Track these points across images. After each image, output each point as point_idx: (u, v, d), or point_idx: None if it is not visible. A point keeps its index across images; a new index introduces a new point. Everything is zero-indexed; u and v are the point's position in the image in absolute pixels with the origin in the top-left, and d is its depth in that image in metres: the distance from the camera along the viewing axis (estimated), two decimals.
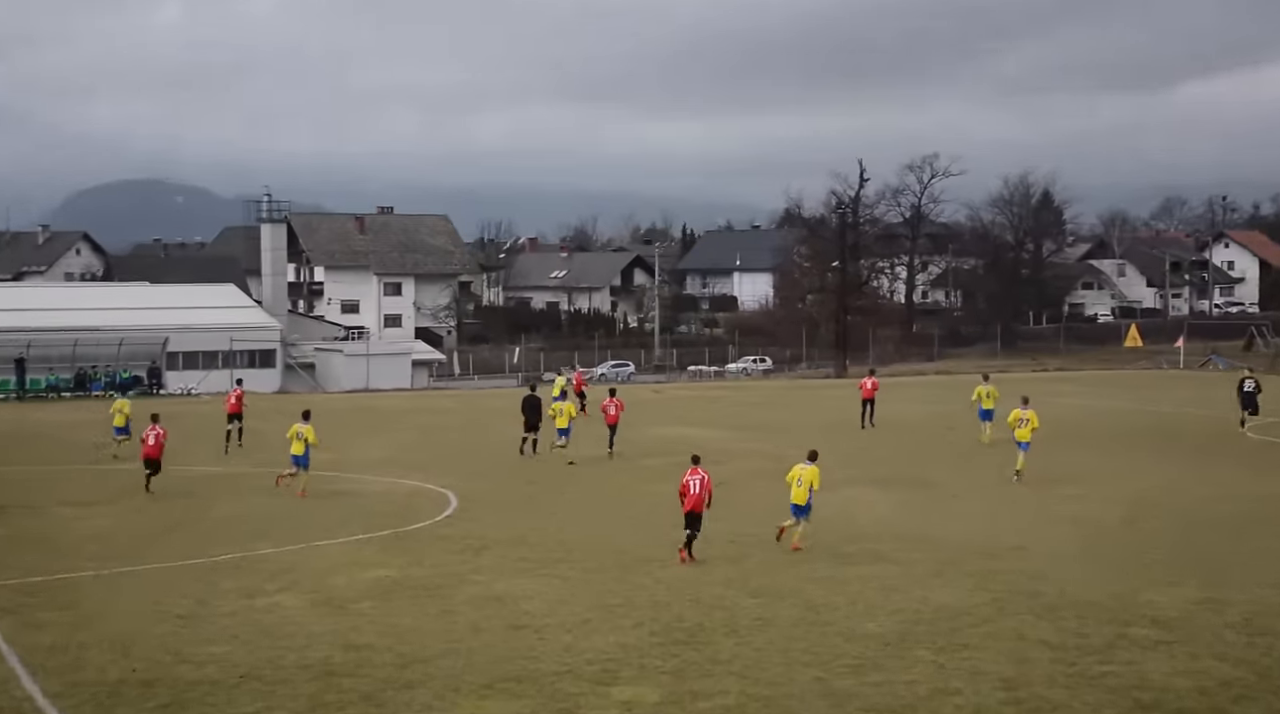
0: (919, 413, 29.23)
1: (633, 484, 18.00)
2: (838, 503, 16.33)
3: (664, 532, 14.47)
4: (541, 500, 16.65)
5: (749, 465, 19.87)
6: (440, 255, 77.36)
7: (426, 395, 37.06)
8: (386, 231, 77.16)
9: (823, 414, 29.14)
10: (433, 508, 16.13)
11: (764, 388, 39.27)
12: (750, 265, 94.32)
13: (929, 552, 13.35)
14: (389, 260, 75.74)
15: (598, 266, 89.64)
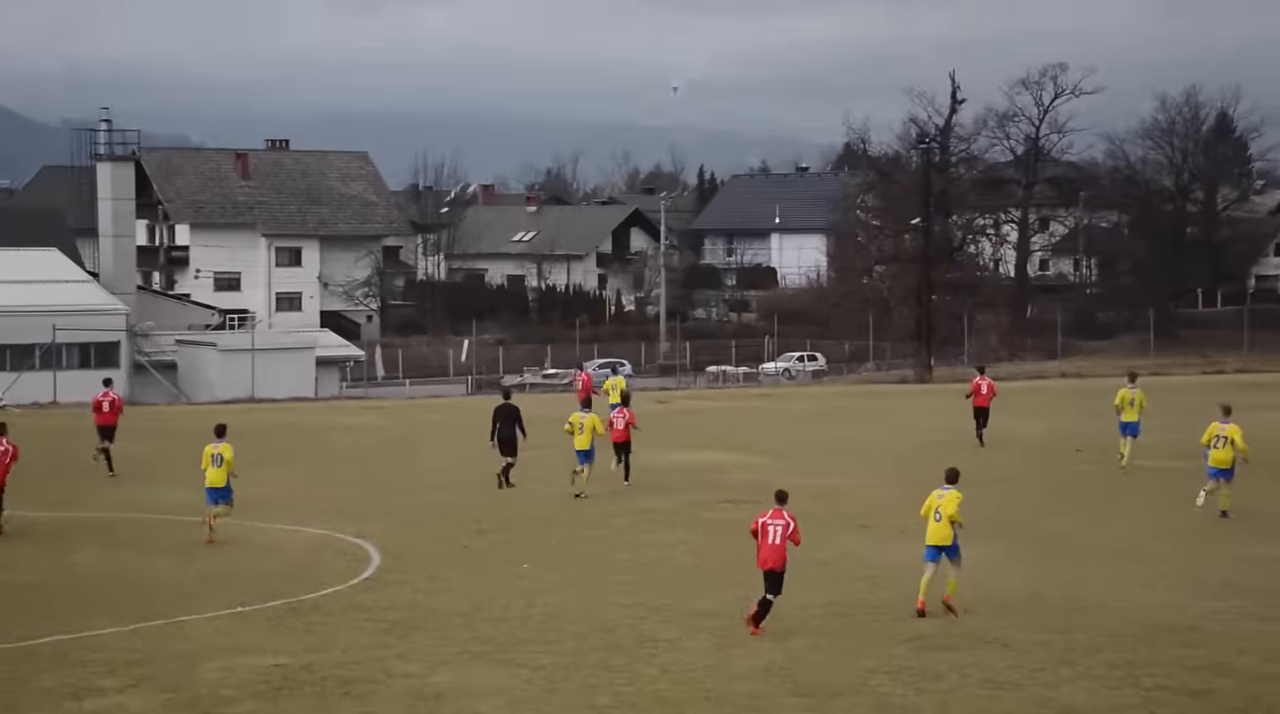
0: (1034, 431, 29.32)
1: (629, 532, 17.97)
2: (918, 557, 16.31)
3: (673, 597, 14.41)
4: (500, 554, 16.58)
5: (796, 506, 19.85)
6: (357, 209, 77.39)
7: (337, 407, 37.13)
8: (280, 175, 77.17)
9: (901, 434, 29.23)
10: (345, 566, 16.05)
11: (814, 396, 39.44)
12: (794, 223, 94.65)
13: (1052, 629, 13.24)
14: (284, 216, 75.70)
15: (580, 226, 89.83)
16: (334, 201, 76.51)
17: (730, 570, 15.75)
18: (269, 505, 20.18)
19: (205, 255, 71.01)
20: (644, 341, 71.22)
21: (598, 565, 16.08)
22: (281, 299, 73.88)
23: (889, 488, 21.45)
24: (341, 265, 72.78)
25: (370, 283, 73.90)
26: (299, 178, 76.60)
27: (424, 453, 26.33)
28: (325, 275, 74.04)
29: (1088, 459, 24.56)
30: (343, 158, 79.96)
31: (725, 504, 19.96)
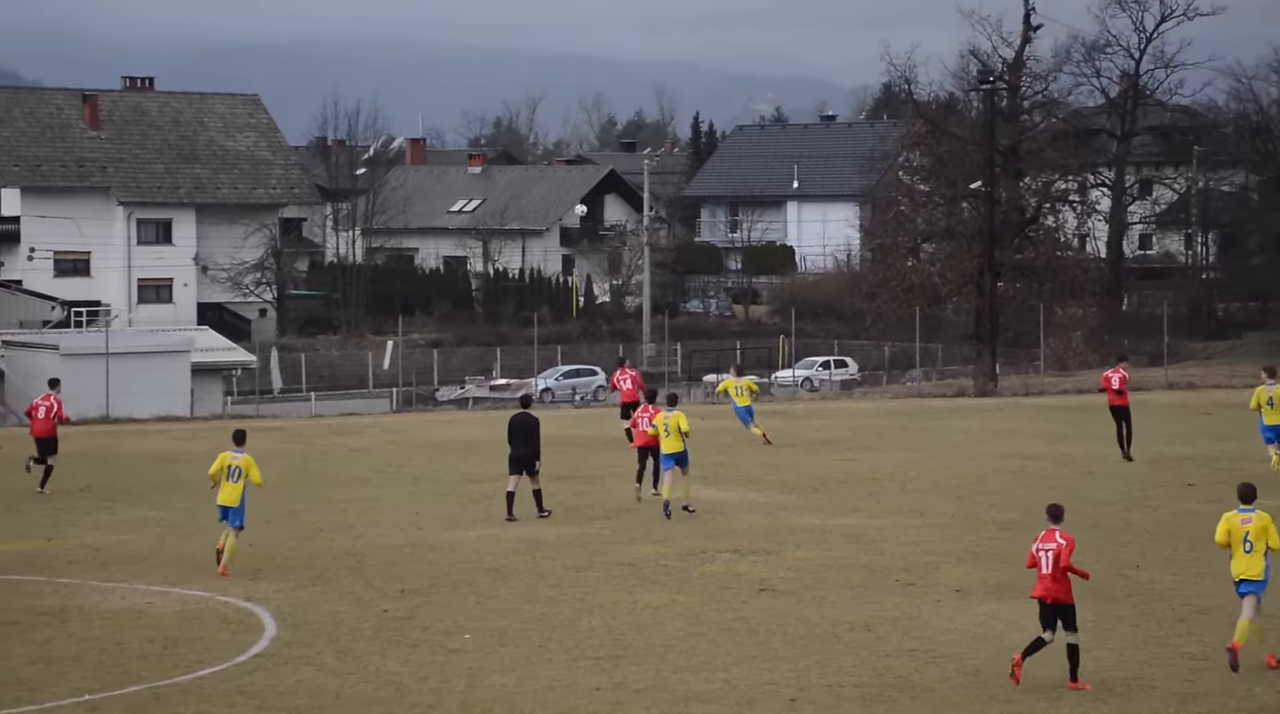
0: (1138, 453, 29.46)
1: (603, 590, 18.02)
2: (976, 623, 16.37)
3: (659, 677, 14.44)
4: (432, 622, 16.60)
5: (815, 556, 19.93)
6: (246, 170, 77.38)
7: (220, 429, 37.11)
8: (142, 125, 77.05)
9: (955, 462, 29.38)
10: (229, 639, 16.01)
11: (842, 413, 39.60)
12: (818, 189, 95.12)
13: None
14: (147, 178, 75.60)
15: (539, 192, 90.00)
16: (215, 159, 76.34)
17: (734, 641, 15.80)
18: (128, 559, 20.13)
19: (42, 229, 70.50)
20: (622, 342, 71.39)
21: (561, 635, 16.09)
22: (146, 287, 73.66)
23: (938, 533, 21.56)
24: (225, 243, 72.57)
25: (264, 266, 73.70)
26: (168, 128, 76.36)
27: (335, 489, 26.33)
28: (204, 256, 73.87)
29: (1203, 495, 24.72)
30: (226, 102, 79.84)
31: (728, 554, 20.05)
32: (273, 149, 78.13)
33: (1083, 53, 70.66)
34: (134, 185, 73.58)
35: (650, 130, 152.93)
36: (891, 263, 60.28)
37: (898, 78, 64.15)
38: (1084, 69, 70.75)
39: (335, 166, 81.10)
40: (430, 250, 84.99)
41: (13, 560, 19.69)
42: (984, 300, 50.27)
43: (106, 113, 75.15)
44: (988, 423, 36.88)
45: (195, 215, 74.14)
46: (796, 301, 68.56)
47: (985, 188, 52.42)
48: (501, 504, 23.39)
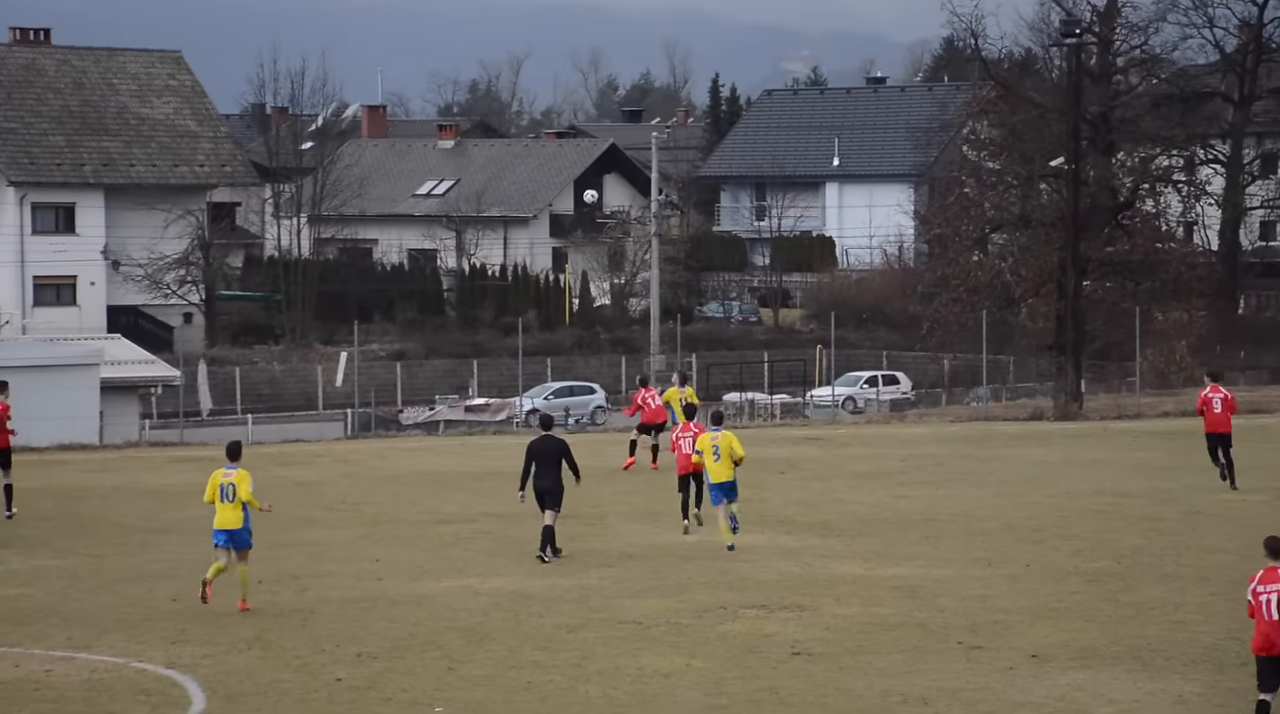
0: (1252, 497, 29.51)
1: (604, 654, 18.12)
2: (1058, 696, 16.46)
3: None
4: (394, 693, 16.71)
5: (861, 612, 20.01)
6: (166, 144, 77.64)
7: (136, 459, 37.27)
8: (37, 87, 77.40)
9: (1029, 499, 29.42)
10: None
11: (892, 440, 39.69)
12: (863, 167, 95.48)
13: None
14: (43, 153, 75.92)
15: (524, 171, 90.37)
16: (128, 130, 76.60)
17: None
18: (22, 617, 20.23)
19: None
20: (625, 354, 71.71)
21: (552, 708, 16.17)
22: (44, 287, 73.91)
23: (1010, 585, 21.64)
24: (141, 233, 72.79)
25: (189, 262, 73.92)
26: (68, 91, 76.66)
27: (278, 531, 26.46)
28: (115, 249, 74.10)
29: None
30: (141, 59, 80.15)
31: (754, 610, 20.13)
32: (199, 118, 78.31)
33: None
34: (27, 161, 73.76)
35: (659, 96, 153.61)
36: (953, 257, 60.35)
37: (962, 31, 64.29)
38: (1193, 18, 70.80)
39: (275, 140, 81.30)
40: (392, 242, 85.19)
41: None
42: (1066, 303, 50.30)
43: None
44: (1071, 452, 36.94)
45: (104, 198, 74.28)
46: (837, 304, 68.77)
47: (1069, 165, 52.45)
48: (474, 543, 23.51)
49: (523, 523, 26.62)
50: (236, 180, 78.16)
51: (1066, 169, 52.83)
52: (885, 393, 62.63)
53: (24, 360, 44.37)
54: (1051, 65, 63.45)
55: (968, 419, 46.74)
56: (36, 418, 39.71)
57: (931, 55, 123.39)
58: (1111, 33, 62.76)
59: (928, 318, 59.51)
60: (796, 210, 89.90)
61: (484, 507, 28.39)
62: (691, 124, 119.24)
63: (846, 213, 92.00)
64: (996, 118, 61.92)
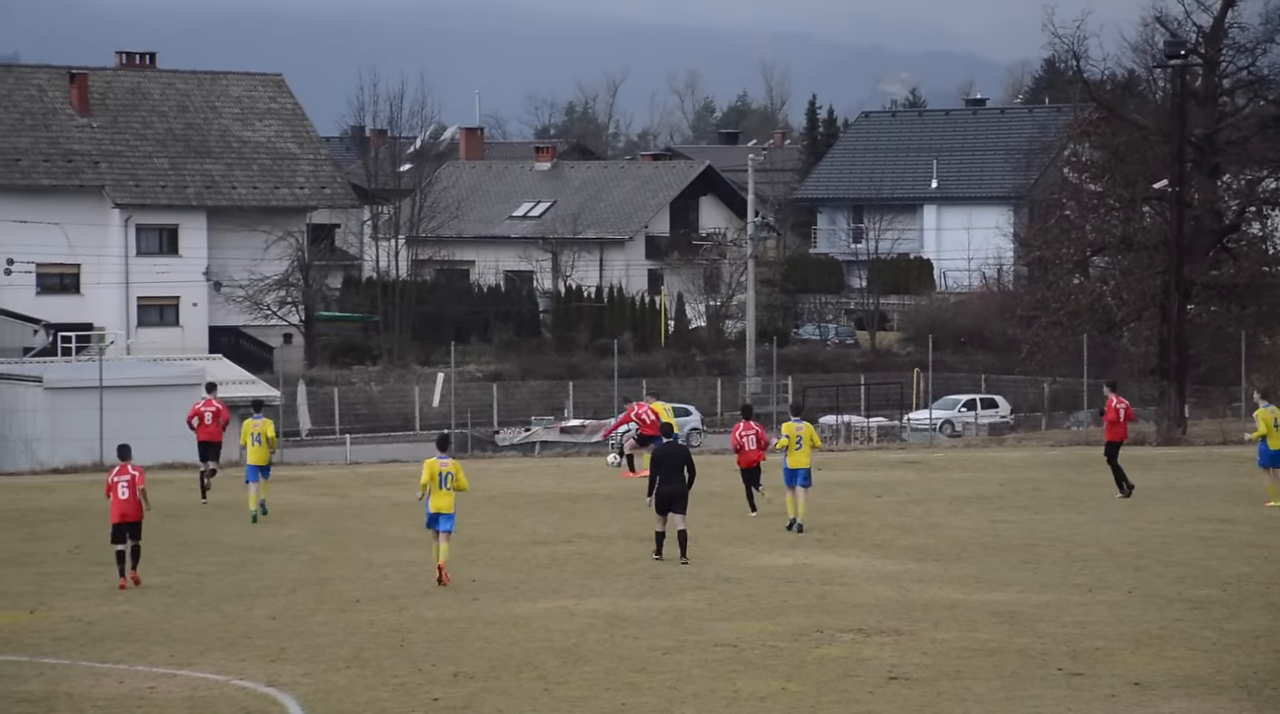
0: None
1: (698, 677, 18.09)
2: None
3: None
4: (494, 710, 16.80)
5: (959, 637, 19.87)
6: (268, 166, 78.54)
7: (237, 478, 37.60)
8: (142, 110, 78.57)
9: (1129, 525, 29.10)
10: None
11: (991, 464, 39.37)
12: (962, 189, 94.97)
13: None
14: (148, 176, 77.00)
15: (620, 193, 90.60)
16: (230, 153, 77.56)
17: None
18: (126, 634, 20.50)
19: (22, 237, 71.83)
20: (722, 377, 71.64)
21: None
22: (147, 307, 74.91)
23: (1111, 612, 21.40)
24: (242, 254, 73.61)
25: (289, 283, 74.66)
26: (172, 114, 77.75)
27: (375, 551, 26.66)
28: (216, 270, 75.00)
29: None
30: (244, 83, 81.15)
31: (850, 634, 20.04)
32: (299, 141, 79.13)
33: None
34: (132, 184, 74.79)
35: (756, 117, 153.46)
36: (1053, 280, 59.80)
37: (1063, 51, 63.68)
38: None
39: (374, 162, 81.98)
40: (489, 264, 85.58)
41: None
42: (1170, 327, 49.72)
43: (99, 96, 76.50)
44: (1175, 477, 36.52)
45: (206, 220, 75.13)
46: (934, 327, 68.29)
47: (1173, 188, 51.91)
48: (575, 568, 23.55)
49: (615, 544, 26.69)
50: (336, 202, 78.88)
51: (1170, 192, 52.27)
52: (984, 416, 62.16)
53: (128, 380, 45.02)
54: (1155, 87, 62.70)
55: (1067, 443, 46.32)
56: (140, 437, 40.25)
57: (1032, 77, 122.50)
58: (1218, 54, 61.89)
59: (1027, 341, 58.98)
60: (894, 232, 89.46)
61: (579, 528, 28.46)
62: (788, 146, 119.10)
63: (944, 235, 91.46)
64: (1098, 140, 61.31)
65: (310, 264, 75.07)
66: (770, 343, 65.85)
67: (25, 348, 56.54)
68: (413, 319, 75.31)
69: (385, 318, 75.07)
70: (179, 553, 26.44)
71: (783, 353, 66.38)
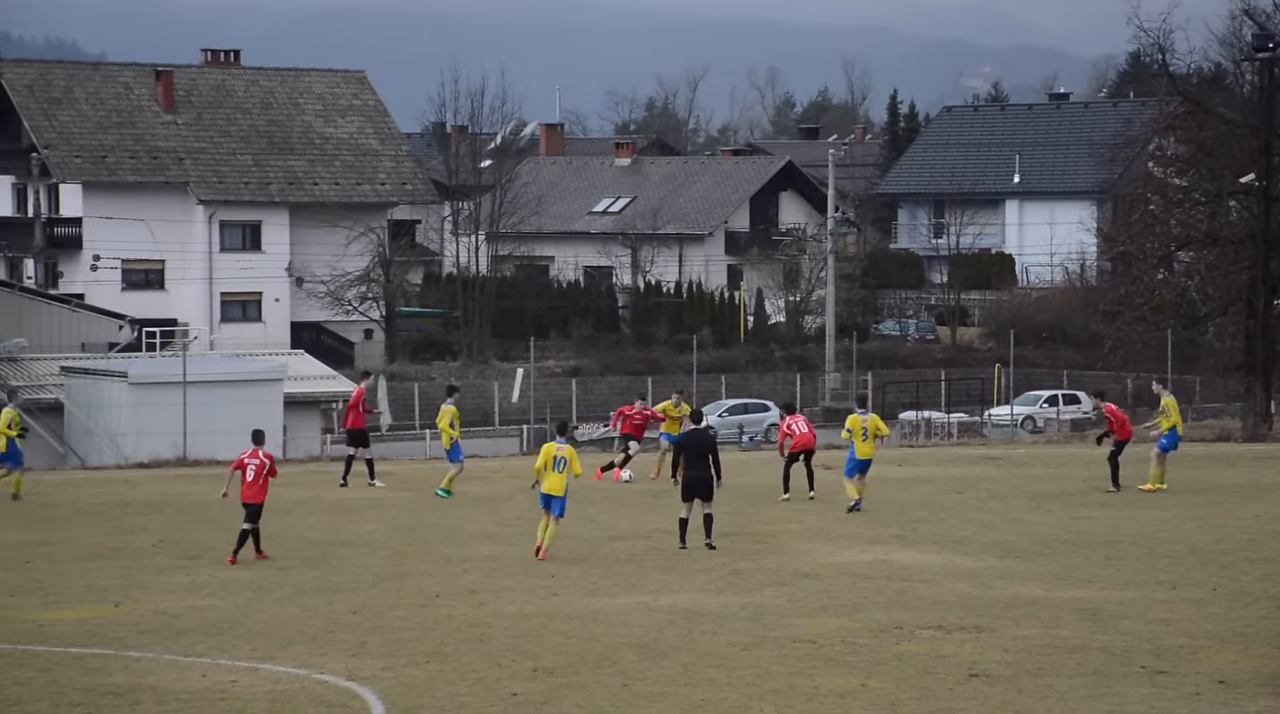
0: None
1: (777, 673, 18.05)
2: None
3: None
4: (574, 705, 16.80)
5: (1039, 634, 19.71)
6: (349, 162, 79.10)
7: (318, 473, 37.91)
8: (226, 107, 79.23)
9: (1215, 522, 28.84)
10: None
11: (1073, 460, 39.04)
12: (1044, 184, 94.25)
13: None
14: (232, 172, 77.70)
15: (700, 189, 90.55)
16: (312, 149, 78.19)
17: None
18: (209, 628, 20.67)
19: (108, 233, 72.80)
20: (801, 372, 71.51)
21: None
22: (230, 303, 75.65)
23: (1196, 609, 21.17)
24: (324, 250, 74.19)
25: (370, 278, 75.14)
26: (256, 111, 78.43)
27: (454, 546, 26.75)
28: (299, 266, 75.62)
29: None
30: (326, 79, 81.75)
31: (930, 631, 19.93)
32: (381, 137, 79.63)
33: None
34: (216, 180, 75.53)
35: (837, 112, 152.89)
36: (1137, 275, 59.20)
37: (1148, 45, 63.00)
38: None
39: (455, 158, 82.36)
40: (568, 259, 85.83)
41: (75, 630, 20.32)
42: (1256, 322, 49.17)
43: (184, 93, 77.30)
44: (1260, 474, 36.08)
45: (289, 217, 75.81)
46: (1016, 323, 67.88)
47: (1260, 181, 51.36)
48: (654, 563, 23.51)
49: (693, 539, 26.66)
50: (417, 198, 79.31)
51: (1258, 185, 51.71)
52: (1066, 413, 61.65)
53: (210, 375, 45.38)
54: (1243, 80, 61.94)
55: (1151, 440, 45.81)
56: (223, 432, 40.79)
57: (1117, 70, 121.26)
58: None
59: (1110, 336, 58.48)
60: (975, 228, 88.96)
61: (658, 523, 28.43)
62: (869, 141, 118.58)
63: (1027, 230, 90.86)
64: (1184, 134, 60.64)
65: (391, 260, 75.53)
66: (850, 338, 65.66)
67: (110, 343, 57.04)
68: (492, 314, 75.59)
69: (465, 313, 75.38)
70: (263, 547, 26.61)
71: (862, 348, 66.13)
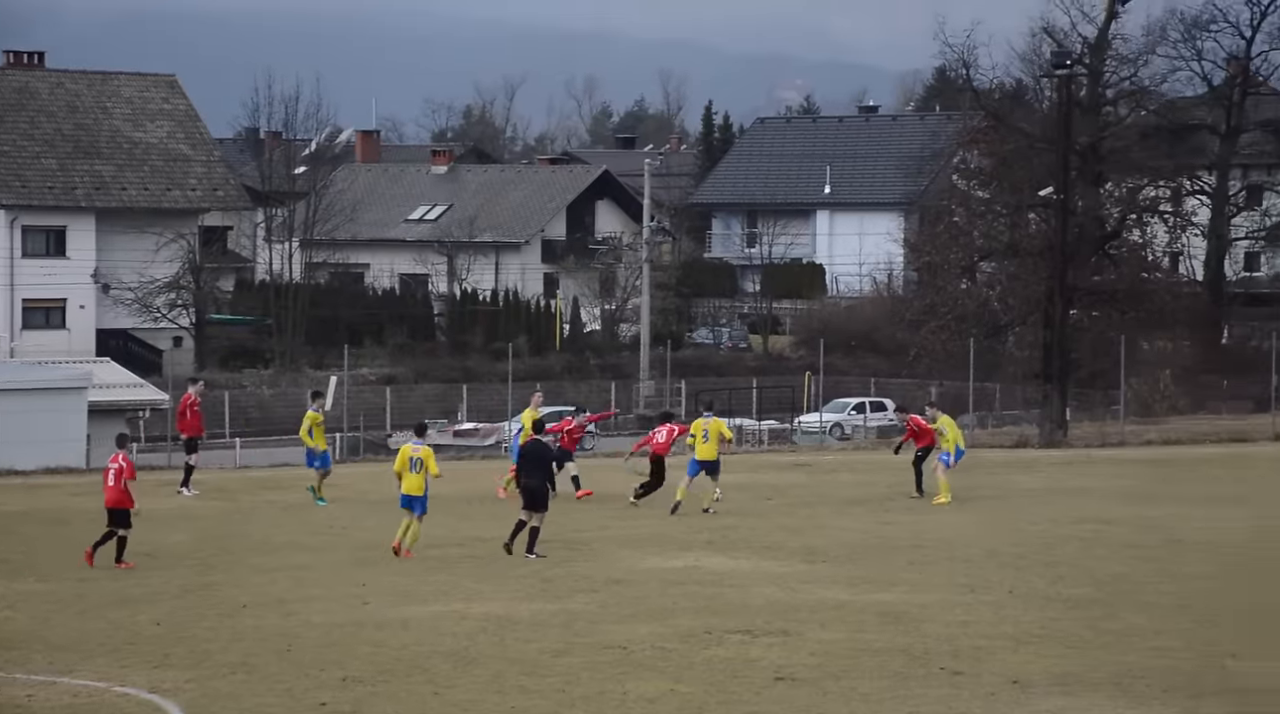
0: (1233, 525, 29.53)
1: (586, 679, 18.10)
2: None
3: None
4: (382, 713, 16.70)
5: (848, 637, 19.99)
6: (159, 167, 77.65)
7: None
8: (29, 109, 77.26)
9: (1011, 526, 29.42)
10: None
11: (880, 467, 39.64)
12: (854, 195, 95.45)
13: None
14: (34, 176, 75.85)
15: (517, 197, 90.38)
16: (121, 154, 76.63)
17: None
18: (6, 641, 20.17)
19: None
20: (616, 380, 71.67)
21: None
22: (33, 310, 73.82)
23: (993, 612, 21.65)
24: (132, 257, 72.75)
25: (180, 285, 73.87)
26: (61, 115, 76.67)
27: (263, 555, 26.41)
28: (105, 272, 74.07)
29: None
30: (136, 83, 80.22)
31: (738, 635, 20.13)
32: (192, 142, 78.32)
33: (1181, 31, 70.73)
34: (18, 184, 73.77)
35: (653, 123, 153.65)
36: (941, 285, 60.32)
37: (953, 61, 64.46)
38: (1182, 50, 70.84)
39: (268, 164, 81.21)
40: (384, 267, 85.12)
41: None
42: (1053, 331, 50.28)
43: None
44: (1055, 479, 36.98)
45: (95, 222, 74.23)
46: (826, 331, 68.71)
47: (1058, 195, 52.54)
48: (467, 571, 23.49)
49: None
50: (229, 204, 78.16)
51: (1055, 199, 52.94)
52: (873, 420, 62.58)
53: (11, 384, 44.20)
54: (1042, 96, 63.48)
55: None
56: (23, 442, 39.82)
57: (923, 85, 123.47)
58: (1102, 65, 62.86)
59: (915, 345, 59.48)
60: (787, 237, 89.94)
61: (471, 531, 28.36)
62: (684, 151, 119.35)
63: (837, 240, 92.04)
64: (987, 147, 61.96)
65: (202, 267, 74.37)
66: (664, 347, 66.14)
67: None
68: (306, 322, 74.69)
69: (278, 321, 74.38)
70: (62, 558, 26.05)
71: (676, 356, 66.65)
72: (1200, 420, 54.88)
